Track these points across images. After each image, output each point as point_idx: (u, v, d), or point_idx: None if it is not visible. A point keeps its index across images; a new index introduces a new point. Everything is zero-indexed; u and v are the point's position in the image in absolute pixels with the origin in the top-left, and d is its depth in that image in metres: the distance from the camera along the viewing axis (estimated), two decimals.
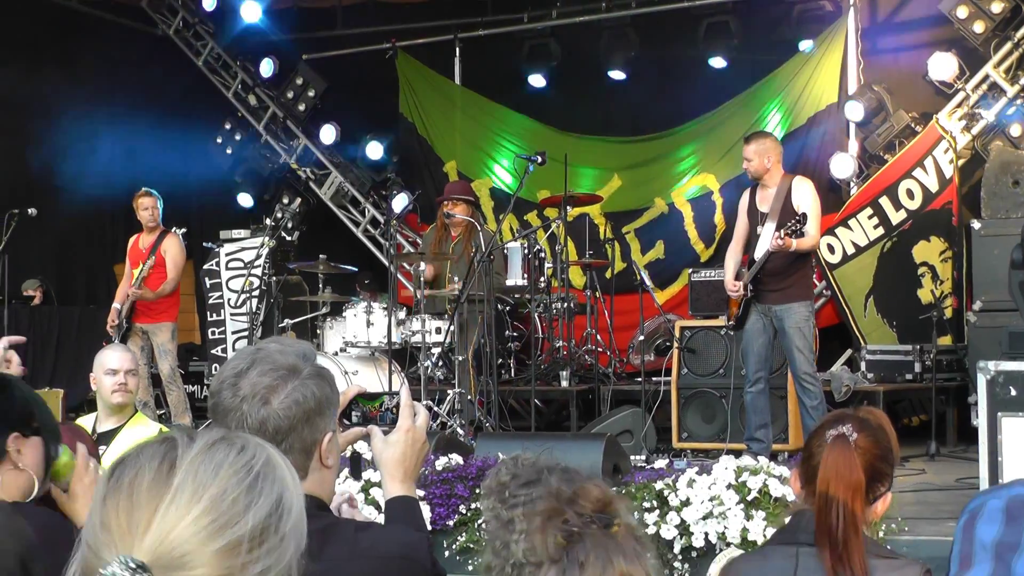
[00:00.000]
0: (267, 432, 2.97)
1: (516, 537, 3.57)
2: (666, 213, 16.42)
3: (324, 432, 3.08)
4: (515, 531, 3.57)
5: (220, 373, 3.11)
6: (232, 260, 16.05)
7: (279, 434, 2.99)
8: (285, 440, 3.00)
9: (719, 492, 8.10)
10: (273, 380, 3.01)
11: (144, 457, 1.74)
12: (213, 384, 3.10)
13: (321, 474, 3.10)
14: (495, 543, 3.61)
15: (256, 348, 3.11)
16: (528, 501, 3.59)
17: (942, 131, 13.95)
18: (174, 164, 19.35)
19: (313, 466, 3.08)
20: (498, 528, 3.62)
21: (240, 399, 2.99)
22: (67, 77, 16.85)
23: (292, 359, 3.06)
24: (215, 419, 3.08)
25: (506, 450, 8.78)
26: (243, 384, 3.01)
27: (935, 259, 13.80)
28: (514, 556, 3.57)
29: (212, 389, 3.08)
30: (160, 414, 13.27)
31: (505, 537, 3.59)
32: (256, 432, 2.95)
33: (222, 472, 1.72)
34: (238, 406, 2.99)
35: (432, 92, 18.14)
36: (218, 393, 3.04)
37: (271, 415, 2.98)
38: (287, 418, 2.99)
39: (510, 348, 13.92)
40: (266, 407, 2.98)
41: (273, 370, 3.02)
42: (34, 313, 15.97)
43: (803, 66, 15.46)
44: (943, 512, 8.44)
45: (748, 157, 10.66)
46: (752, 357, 10.67)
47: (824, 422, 3.87)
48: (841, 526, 3.59)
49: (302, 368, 3.06)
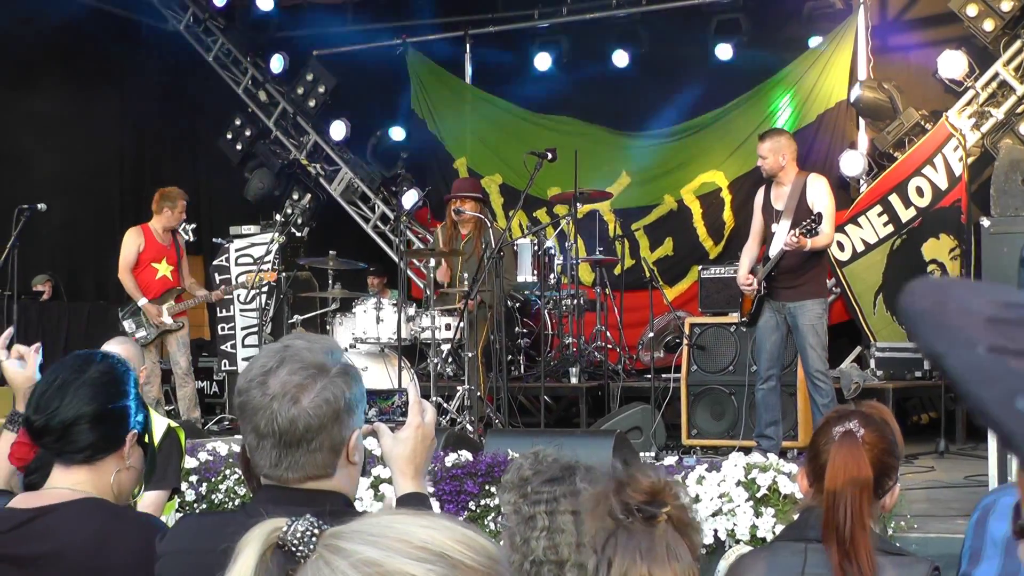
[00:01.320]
0: (297, 431, 2.97)
1: (537, 534, 3.60)
2: (675, 210, 16.43)
3: (352, 430, 3.07)
4: (536, 528, 3.60)
5: (247, 371, 3.08)
6: (242, 256, 16.07)
7: (309, 432, 2.98)
8: (315, 439, 2.99)
9: (728, 489, 8.10)
10: (303, 379, 2.98)
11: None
12: (240, 382, 3.06)
13: (348, 470, 3.09)
14: (514, 538, 3.64)
15: (284, 346, 3.08)
16: (552, 499, 3.62)
17: (952, 129, 13.94)
18: (184, 159, 19.44)
19: (340, 463, 3.07)
20: (519, 523, 3.65)
21: (270, 398, 2.97)
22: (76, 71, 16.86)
23: (320, 357, 3.03)
24: (242, 418, 3.07)
25: (516, 446, 8.79)
26: (272, 382, 2.98)
27: (944, 257, 13.79)
28: (534, 553, 3.60)
29: (239, 387, 3.05)
30: (169, 410, 13.29)
31: (526, 533, 3.62)
32: (286, 431, 2.97)
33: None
34: (267, 405, 2.96)
35: (442, 89, 18.16)
36: (246, 391, 3.01)
37: (301, 414, 2.96)
38: (317, 417, 2.97)
39: (520, 344, 13.94)
40: (296, 406, 2.96)
41: (302, 368, 2.99)
42: (43, 308, 16.01)
43: (813, 63, 15.47)
44: (952, 509, 8.45)
45: (763, 155, 10.66)
46: (764, 354, 10.67)
47: (828, 419, 3.87)
48: (849, 524, 3.60)
49: (330, 366, 3.03)
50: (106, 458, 3.72)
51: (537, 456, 3.80)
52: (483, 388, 12.26)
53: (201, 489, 9.47)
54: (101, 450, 3.71)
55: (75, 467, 3.69)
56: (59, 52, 16.88)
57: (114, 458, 3.72)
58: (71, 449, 3.69)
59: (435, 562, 1.51)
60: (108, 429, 3.72)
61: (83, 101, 17.49)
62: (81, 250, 17.93)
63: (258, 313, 14.98)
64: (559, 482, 3.67)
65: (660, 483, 2.89)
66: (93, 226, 18.13)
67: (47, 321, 15.67)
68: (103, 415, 3.71)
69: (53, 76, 17.00)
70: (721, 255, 15.48)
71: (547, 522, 3.61)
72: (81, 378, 3.74)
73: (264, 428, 2.99)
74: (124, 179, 18.50)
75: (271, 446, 3.00)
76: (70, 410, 3.68)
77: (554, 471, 3.72)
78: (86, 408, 3.69)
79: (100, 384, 3.75)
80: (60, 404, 3.68)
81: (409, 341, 12.39)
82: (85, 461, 3.69)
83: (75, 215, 17.17)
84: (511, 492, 3.73)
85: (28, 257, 14.43)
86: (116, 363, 3.85)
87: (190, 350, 13.48)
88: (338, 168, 18.41)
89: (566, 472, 3.71)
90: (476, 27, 17.75)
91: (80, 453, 3.68)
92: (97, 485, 3.69)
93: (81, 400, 3.69)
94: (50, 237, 16.50)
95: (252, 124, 18.89)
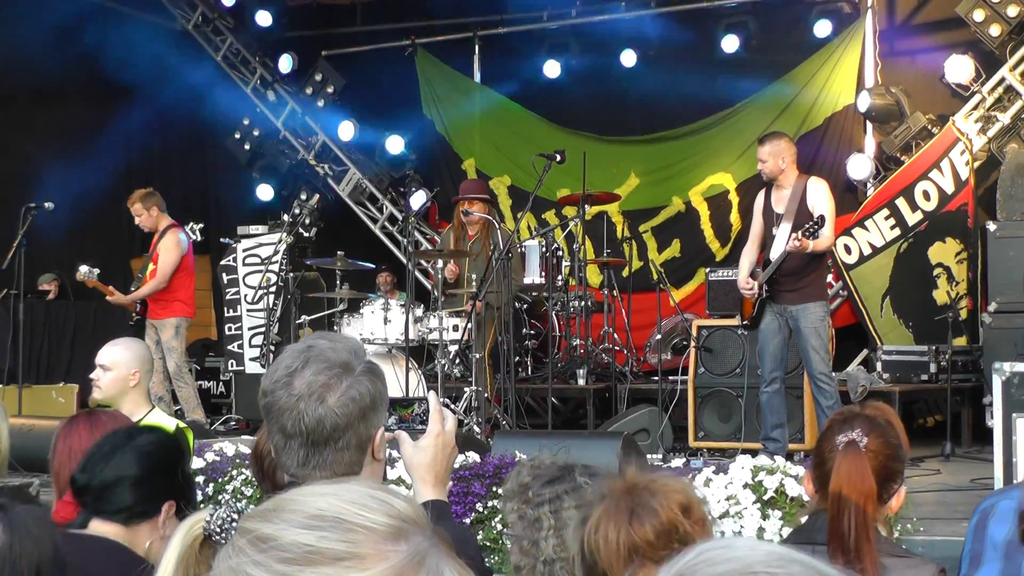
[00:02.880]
0: (324, 430, 2.99)
1: (545, 534, 3.62)
2: (683, 212, 16.46)
3: (377, 428, 3.10)
4: (543, 528, 3.63)
5: (271, 372, 3.10)
6: (249, 256, 16.09)
7: (336, 431, 3.00)
8: (343, 438, 3.02)
9: (735, 491, 8.12)
10: (328, 378, 3.01)
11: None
12: (265, 383, 3.09)
13: (373, 467, 3.12)
14: (522, 543, 3.68)
15: (307, 346, 3.10)
16: (554, 497, 3.65)
17: (958, 133, 13.96)
18: (192, 159, 19.46)
19: (367, 460, 3.10)
20: (525, 528, 3.68)
21: (296, 398, 2.99)
22: (85, 70, 16.88)
23: (344, 356, 3.06)
24: (268, 419, 3.09)
25: (523, 448, 8.83)
26: (297, 383, 3.01)
27: (951, 260, 13.81)
28: (544, 553, 3.63)
29: (264, 388, 3.07)
30: (176, 410, 13.28)
31: (533, 535, 3.65)
32: (313, 431, 3.00)
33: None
34: (294, 405, 2.99)
35: (451, 90, 18.17)
36: (272, 392, 3.04)
37: (328, 413, 2.98)
38: (344, 416, 2.99)
39: (527, 346, 13.96)
40: (323, 405, 2.98)
41: (328, 368, 3.02)
42: (49, 307, 16.03)
43: (820, 67, 15.49)
44: (958, 512, 8.45)
45: (763, 158, 10.68)
46: (768, 357, 10.69)
47: (832, 423, 3.86)
48: (853, 533, 3.61)
49: (355, 365, 3.06)
50: (141, 523, 3.79)
51: (534, 462, 3.84)
52: (490, 389, 12.28)
53: (208, 490, 9.47)
54: (137, 515, 3.79)
55: (111, 524, 3.78)
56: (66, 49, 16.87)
57: (150, 525, 3.80)
58: (108, 509, 3.78)
59: (329, 528, 1.51)
60: (146, 495, 3.80)
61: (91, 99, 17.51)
62: (88, 249, 17.94)
63: (265, 313, 15.00)
64: (559, 481, 3.71)
65: (668, 522, 2.89)
66: (100, 225, 18.15)
67: (53, 321, 15.68)
68: (143, 481, 3.80)
69: (60, 75, 17.01)
70: (727, 257, 15.50)
71: (552, 521, 3.64)
72: (129, 444, 3.84)
73: (291, 428, 3.02)
74: (132, 179, 18.49)
75: (298, 446, 3.03)
76: (112, 472, 3.78)
77: (553, 472, 3.75)
78: (127, 472, 3.79)
79: (146, 452, 3.85)
80: (105, 466, 3.79)
81: (417, 342, 12.41)
82: (121, 523, 3.77)
83: (82, 214, 17.17)
84: (513, 500, 3.76)
85: (34, 256, 14.45)
86: (167, 438, 3.97)
87: (181, 353, 13.25)
88: (346, 168, 18.45)
89: (565, 471, 3.75)
90: (485, 28, 17.76)
91: (117, 514, 3.77)
92: (132, 546, 3.76)
93: (124, 464, 3.79)
94: (56, 236, 16.50)
95: (260, 124, 18.93)
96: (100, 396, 7.29)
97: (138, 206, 13.30)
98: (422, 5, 18.02)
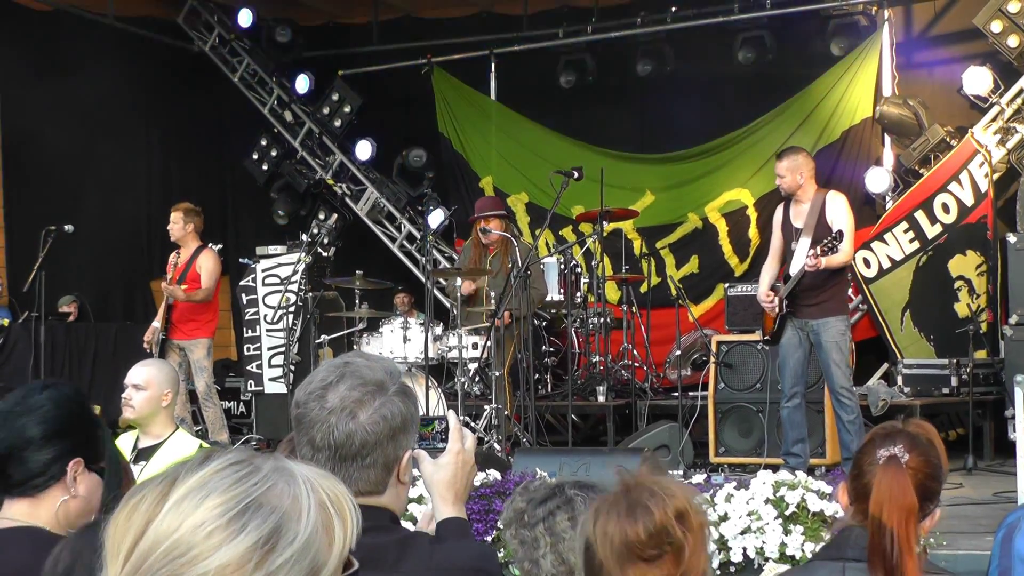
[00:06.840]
0: (353, 445, 3.02)
1: (543, 551, 3.69)
2: (700, 228, 16.43)
3: (405, 450, 3.11)
4: (540, 547, 3.70)
5: (306, 385, 3.12)
6: (268, 276, 16.07)
7: (365, 448, 3.03)
8: (370, 455, 3.04)
9: (757, 507, 8.09)
10: (362, 395, 3.03)
11: (153, 481, 1.68)
12: (298, 395, 3.11)
13: (397, 489, 3.14)
14: (524, 564, 3.74)
15: (344, 362, 3.12)
16: (548, 515, 3.73)
17: (977, 145, 13.93)
18: (211, 179, 19.50)
19: (391, 482, 3.12)
20: (524, 551, 3.75)
21: (328, 411, 3.02)
22: (103, 93, 16.93)
23: (380, 375, 3.09)
24: (298, 430, 3.11)
25: (543, 465, 8.81)
26: (331, 397, 3.03)
27: (971, 273, 13.78)
28: (544, 571, 3.68)
29: (297, 399, 3.10)
30: (197, 430, 13.27)
31: (533, 555, 3.72)
32: (342, 445, 3.02)
33: (207, 502, 1.63)
34: (325, 418, 3.02)
35: (468, 108, 18.19)
36: (304, 404, 3.07)
37: (358, 429, 3.01)
38: (374, 433, 3.02)
39: (547, 363, 13.96)
40: (354, 421, 3.01)
41: (362, 385, 3.04)
42: (70, 329, 16.04)
43: (838, 80, 15.47)
44: (980, 526, 8.42)
45: (780, 173, 10.68)
46: (788, 372, 10.66)
47: (874, 436, 3.81)
48: (896, 551, 3.57)
49: (389, 385, 3.08)
50: (47, 489, 3.57)
51: (527, 488, 3.91)
52: (510, 407, 12.26)
53: None
54: (40, 482, 3.57)
55: (16, 500, 3.57)
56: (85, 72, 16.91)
57: (57, 488, 3.58)
58: (6, 484, 3.57)
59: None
60: (46, 460, 3.57)
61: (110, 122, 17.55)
62: (108, 271, 17.98)
63: (285, 333, 15.00)
64: (551, 499, 3.80)
65: (660, 524, 2.88)
66: (120, 247, 18.18)
67: (74, 342, 15.66)
68: (40, 446, 3.57)
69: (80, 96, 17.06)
70: (746, 273, 15.47)
71: (548, 538, 3.72)
72: (18, 410, 3.61)
73: (320, 441, 3.04)
74: (152, 200, 18.51)
75: (325, 459, 3.04)
76: (3, 444, 3.57)
77: (544, 492, 3.84)
78: (20, 441, 3.56)
79: (40, 416, 3.60)
80: (3, 436, 3.57)
81: (436, 360, 12.41)
82: (23, 494, 3.56)
83: (102, 236, 17.21)
84: (511, 527, 3.84)
85: (55, 278, 14.47)
86: (64, 393, 3.71)
87: (211, 373, 13.36)
88: (364, 188, 18.46)
89: (555, 489, 3.83)
90: (501, 46, 17.76)
91: (17, 488, 3.56)
92: (40, 516, 3.55)
93: (14, 433, 3.57)
94: (77, 258, 16.52)
95: (278, 144, 18.97)
96: (132, 416, 7.26)
97: (180, 215, 13.33)
98: (438, 24, 18.05)
